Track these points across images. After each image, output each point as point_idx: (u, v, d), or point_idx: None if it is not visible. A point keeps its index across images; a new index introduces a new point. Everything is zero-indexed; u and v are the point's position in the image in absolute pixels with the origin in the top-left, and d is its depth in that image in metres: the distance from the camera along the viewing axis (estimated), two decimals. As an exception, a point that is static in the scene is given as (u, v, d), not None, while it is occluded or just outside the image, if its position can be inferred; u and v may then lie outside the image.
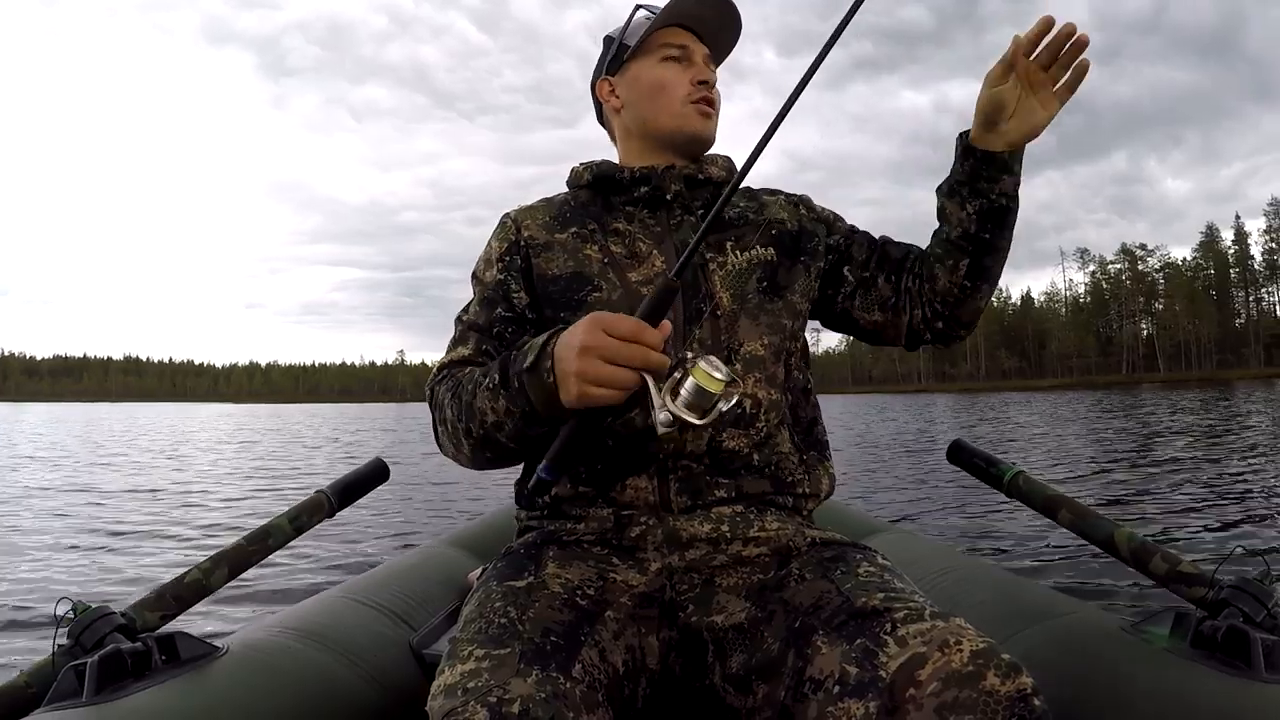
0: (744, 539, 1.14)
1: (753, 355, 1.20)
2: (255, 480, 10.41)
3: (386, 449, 15.06)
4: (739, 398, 1.16)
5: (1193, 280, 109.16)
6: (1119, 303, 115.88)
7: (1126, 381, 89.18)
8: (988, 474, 1.58)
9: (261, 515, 3.04)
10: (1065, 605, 1.38)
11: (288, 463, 13.25)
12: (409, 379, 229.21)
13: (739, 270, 1.23)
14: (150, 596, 1.27)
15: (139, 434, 22.50)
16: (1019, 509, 2.56)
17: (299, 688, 1.16)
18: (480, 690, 0.84)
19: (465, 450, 1.12)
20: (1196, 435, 13.07)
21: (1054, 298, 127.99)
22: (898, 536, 2.10)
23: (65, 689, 1.04)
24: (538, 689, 0.85)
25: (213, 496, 8.51)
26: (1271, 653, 1.01)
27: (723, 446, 1.15)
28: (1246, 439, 11.82)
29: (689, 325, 1.19)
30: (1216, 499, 6.42)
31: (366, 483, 1.61)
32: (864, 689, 0.82)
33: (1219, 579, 1.19)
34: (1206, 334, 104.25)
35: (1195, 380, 79.91)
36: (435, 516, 6.65)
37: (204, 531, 6.13)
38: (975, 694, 0.76)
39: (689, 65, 1.29)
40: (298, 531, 1.46)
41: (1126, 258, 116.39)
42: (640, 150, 1.33)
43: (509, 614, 0.98)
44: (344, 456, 14.55)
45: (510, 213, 1.34)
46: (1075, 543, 4.25)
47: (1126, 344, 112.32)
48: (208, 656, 1.16)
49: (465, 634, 0.96)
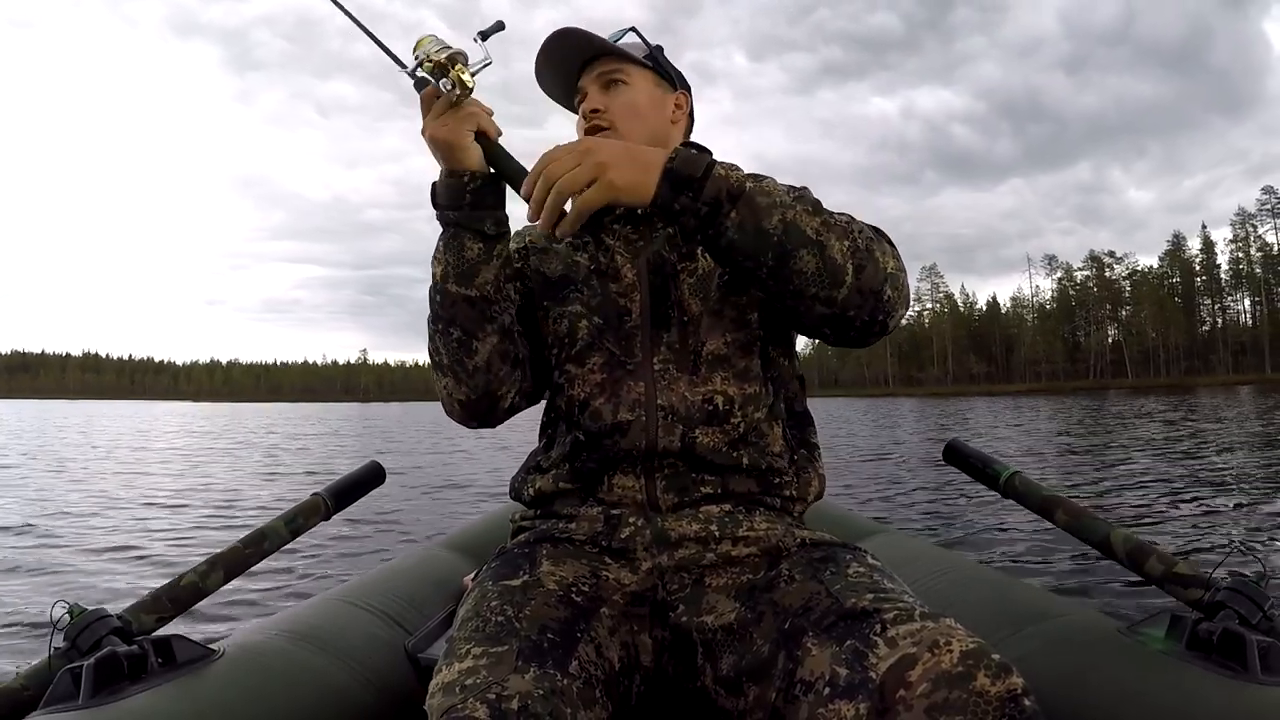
0: (733, 538, 1.14)
1: (716, 354, 1.21)
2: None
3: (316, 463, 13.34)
4: (708, 395, 1.19)
5: (1159, 288, 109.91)
6: (1086, 309, 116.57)
7: (1094, 387, 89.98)
8: (983, 474, 1.58)
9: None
10: (1060, 607, 1.38)
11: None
12: (372, 378, 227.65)
13: (706, 273, 1.23)
14: (146, 599, 1.27)
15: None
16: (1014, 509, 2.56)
17: (294, 691, 1.16)
18: (479, 687, 0.84)
19: (441, 352, 1.19)
20: (1149, 438, 13.39)
21: (1021, 304, 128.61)
22: (890, 537, 2.10)
23: (61, 691, 1.03)
24: (536, 685, 0.85)
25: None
26: (1267, 655, 1.01)
27: (697, 443, 1.17)
28: (1186, 444, 12.11)
29: (655, 329, 1.22)
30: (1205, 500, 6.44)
31: (362, 485, 1.61)
32: (854, 690, 0.82)
33: (1215, 580, 1.19)
34: (1174, 341, 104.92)
35: (1163, 386, 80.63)
36: (430, 519, 6.64)
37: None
38: (965, 694, 0.76)
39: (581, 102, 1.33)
40: (294, 534, 1.46)
41: (1094, 264, 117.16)
42: None
43: (505, 612, 0.99)
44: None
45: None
46: (1071, 543, 4.26)
47: (1094, 350, 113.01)
48: (203, 659, 1.16)
49: (462, 632, 0.97)
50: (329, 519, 1.54)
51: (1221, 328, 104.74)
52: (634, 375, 1.20)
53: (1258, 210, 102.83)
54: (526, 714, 0.82)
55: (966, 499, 6.87)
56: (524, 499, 1.28)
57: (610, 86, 1.30)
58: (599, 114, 1.28)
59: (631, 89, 1.30)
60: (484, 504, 7.27)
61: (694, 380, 1.19)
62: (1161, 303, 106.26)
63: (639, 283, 1.24)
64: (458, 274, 1.15)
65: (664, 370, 1.20)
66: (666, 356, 1.20)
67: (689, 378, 1.20)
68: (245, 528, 1.87)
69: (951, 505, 6.71)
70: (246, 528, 1.54)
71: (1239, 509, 5.99)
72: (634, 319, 1.23)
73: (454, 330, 1.16)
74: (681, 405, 1.18)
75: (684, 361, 1.20)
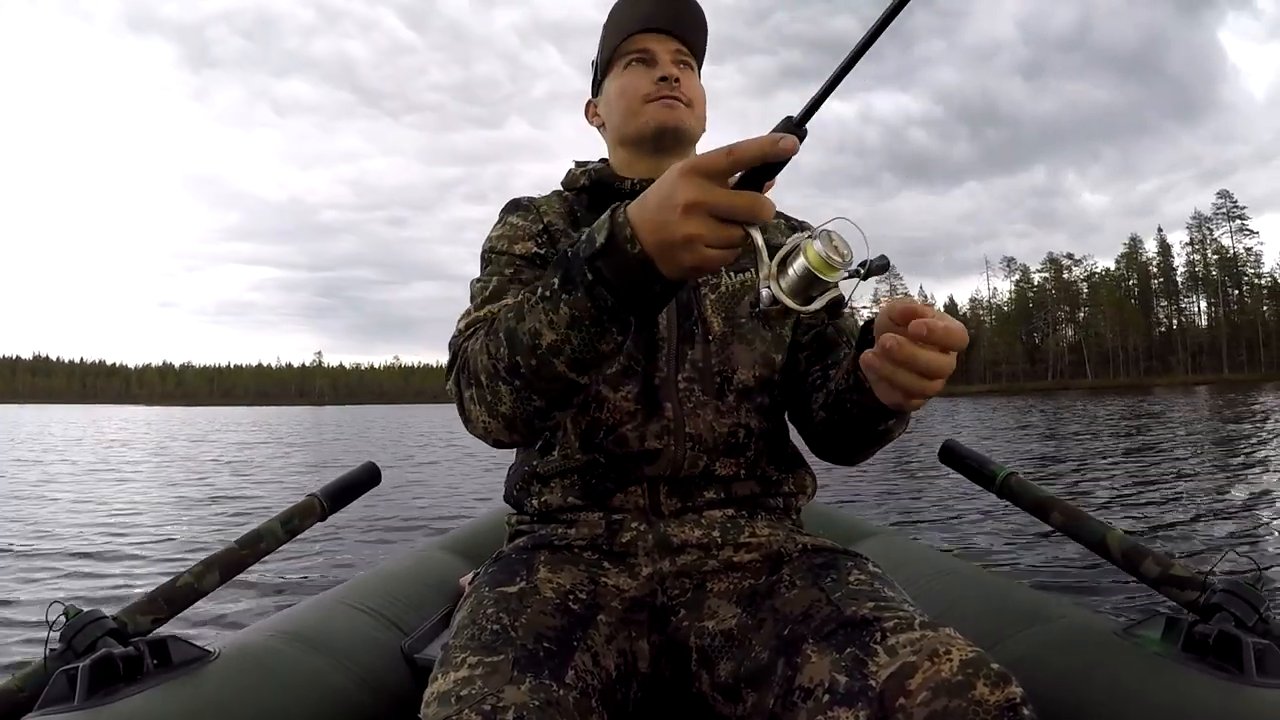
0: (735, 544, 1.14)
1: (744, 385, 1.20)
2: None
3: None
4: (736, 424, 1.16)
5: (1115, 290, 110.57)
6: (1045, 310, 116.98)
7: (1053, 388, 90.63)
8: (979, 475, 1.58)
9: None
10: (1056, 609, 1.38)
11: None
12: (327, 381, 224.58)
13: (731, 292, 1.21)
14: (142, 600, 1.27)
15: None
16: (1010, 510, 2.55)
17: (290, 692, 1.16)
18: (474, 698, 0.83)
19: (506, 402, 0.96)
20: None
21: (979, 305, 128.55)
22: (887, 540, 2.10)
23: (57, 693, 1.03)
24: (531, 696, 0.84)
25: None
26: (1263, 657, 1.02)
27: (715, 473, 1.18)
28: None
29: (682, 345, 1.19)
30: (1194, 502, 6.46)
31: (358, 486, 1.61)
32: (854, 698, 0.82)
33: (1211, 582, 1.19)
34: (1133, 342, 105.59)
35: (1122, 386, 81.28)
36: (427, 520, 6.63)
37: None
38: (965, 703, 0.76)
39: (652, 65, 1.27)
40: (290, 535, 1.46)
41: (1052, 267, 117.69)
42: (628, 160, 1.32)
43: (501, 620, 0.98)
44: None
45: (524, 198, 1.32)
46: (1067, 545, 4.27)
47: (1053, 351, 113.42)
48: (199, 661, 1.15)
49: (458, 640, 0.96)
50: (324, 519, 1.54)
51: (1180, 329, 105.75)
52: (661, 393, 1.17)
53: (1214, 214, 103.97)
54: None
55: (961, 500, 6.88)
56: (527, 511, 1.23)
57: (684, 66, 1.29)
58: (679, 84, 1.26)
59: (695, 77, 1.31)
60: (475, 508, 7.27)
61: (720, 408, 1.18)
62: (1120, 304, 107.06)
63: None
64: (577, 360, 0.89)
65: (689, 391, 1.18)
66: (691, 375, 1.18)
67: (715, 404, 1.18)
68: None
69: (947, 506, 6.72)
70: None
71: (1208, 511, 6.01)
72: (661, 330, 1.19)
73: (536, 400, 0.95)
74: (709, 435, 1.17)
75: (709, 383, 1.19)
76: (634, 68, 1.27)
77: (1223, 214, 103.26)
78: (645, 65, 1.27)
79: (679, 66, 1.27)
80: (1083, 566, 4.18)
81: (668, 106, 1.24)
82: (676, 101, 1.25)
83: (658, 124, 1.24)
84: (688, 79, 1.28)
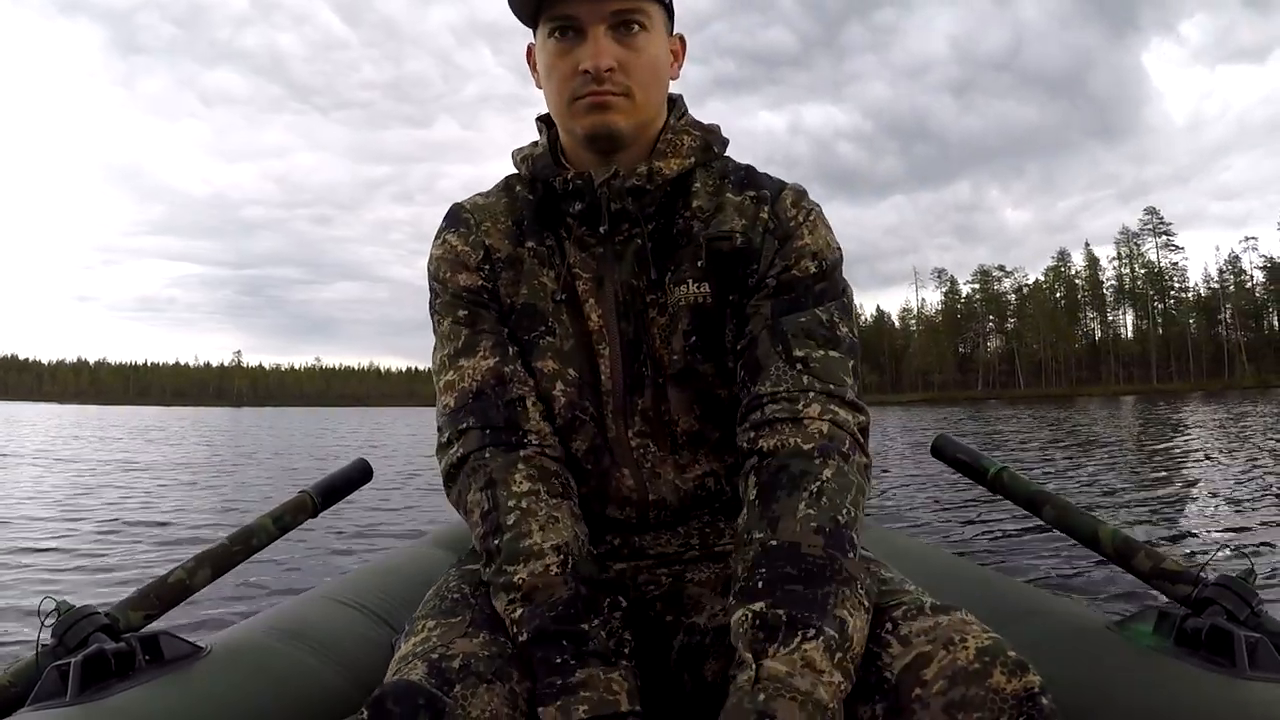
0: (713, 548, 1.11)
1: (690, 432, 1.06)
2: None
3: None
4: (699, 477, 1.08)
5: (1044, 301, 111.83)
6: (974, 321, 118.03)
7: (981, 397, 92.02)
8: (972, 470, 1.58)
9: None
10: (1048, 603, 1.38)
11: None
12: (246, 381, 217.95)
13: (675, 311, 1.04)
14: (134, 596, 1.26)
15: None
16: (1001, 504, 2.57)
17: (282, 688, 1.15)
18: (424, 651, 0.83)
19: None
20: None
21: (909, 315, 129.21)
22: (876, 534, 2.10)
23: (49, 689, 1.03)
24: (483, 648, 0.83)
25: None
26: (1255, 651, 1.02)
27: (690, 515, 1.11)
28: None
29: (630, 396, 1.05)
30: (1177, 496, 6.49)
31: (349, 483, 1.60)
32: (870, 691, 0.80)
33: (1203, 576, 1.19)
34: (1063, 352, 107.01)
35: (1053, 395, 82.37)
36: (417, 516, 6.62)
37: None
38: (982, 691, 0.74)
39: (577, 44, 0.98)
40: (281, 531, 1.45)
41: (982, 278, 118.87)
42: (572, 145, 1.08)
43: (463, 589, 0.98)
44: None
45: (465, 208, 1.13)
46: (1059, 539, 4.28)
47: (983, 360, 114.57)
48: (191, 656, 1.15)
49: (421, 612, 0.96)
50: (316, 515, 1.53)
51: (1111, 340, 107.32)
52: (615, 454, 1.06)
53: (1140, 230, 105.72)
54: (468, 672, 0.80)
55: (952, 493, 6.90)
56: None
57: (628, 31, 0.98)
58: (614, 74, 0.97)
59: (652, 38, 1.00)
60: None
61: (679, 462, 1.07)
62: (1051, 316, 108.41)
63: (607, 327, 1.04)
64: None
65: (643, 449, 1.06)
66: (642, 429, 1.06)
67: (673, 459, 1.07)
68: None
69: (938, 501, 6.74)
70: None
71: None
72: (605, 379, 1.04)
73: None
74: (674, 496, 1.08)
75: (661, 435, 1.06)
76: (558, 42, 0.99)
77: (1149, 230, 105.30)
78: (565, 41, 0.99)
79: (618, 33, 0.98)
80: (1074, 560, 4.20)
81: (598, 109, 0.99)
82: (609, 97, 0.98)
83: (588, 131, 1.01)
84: (629, 52, 0.99)
